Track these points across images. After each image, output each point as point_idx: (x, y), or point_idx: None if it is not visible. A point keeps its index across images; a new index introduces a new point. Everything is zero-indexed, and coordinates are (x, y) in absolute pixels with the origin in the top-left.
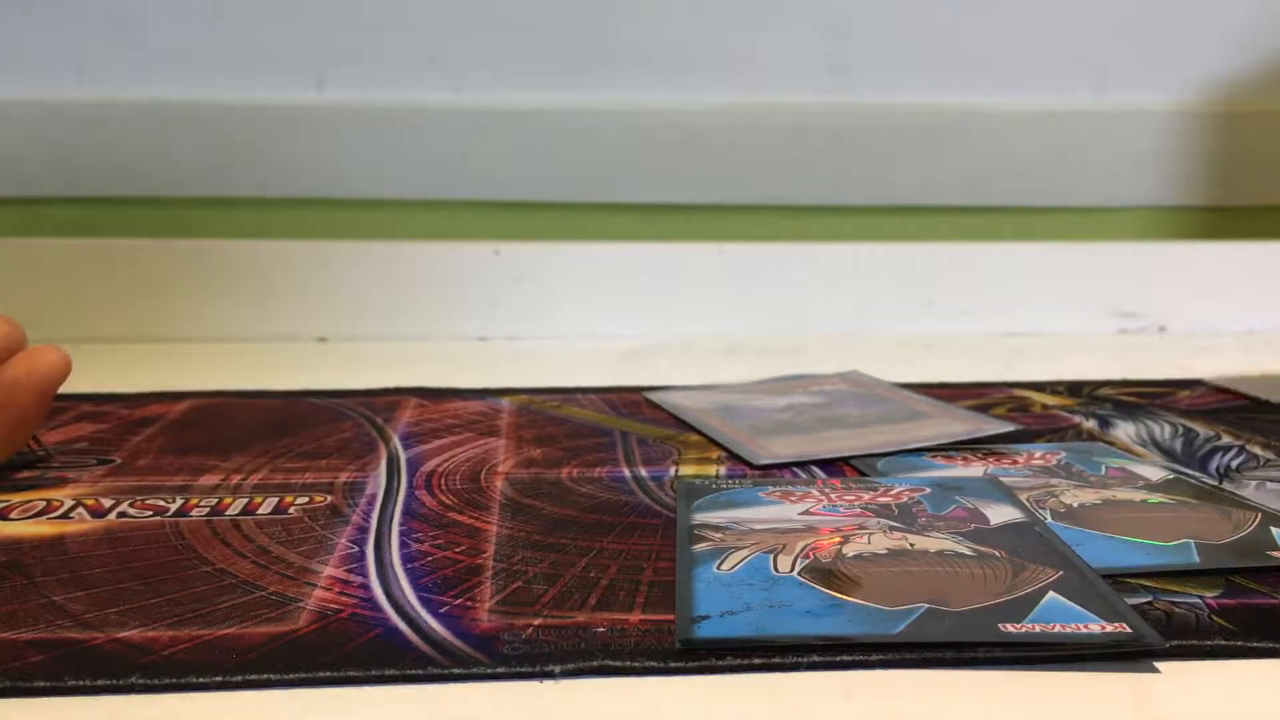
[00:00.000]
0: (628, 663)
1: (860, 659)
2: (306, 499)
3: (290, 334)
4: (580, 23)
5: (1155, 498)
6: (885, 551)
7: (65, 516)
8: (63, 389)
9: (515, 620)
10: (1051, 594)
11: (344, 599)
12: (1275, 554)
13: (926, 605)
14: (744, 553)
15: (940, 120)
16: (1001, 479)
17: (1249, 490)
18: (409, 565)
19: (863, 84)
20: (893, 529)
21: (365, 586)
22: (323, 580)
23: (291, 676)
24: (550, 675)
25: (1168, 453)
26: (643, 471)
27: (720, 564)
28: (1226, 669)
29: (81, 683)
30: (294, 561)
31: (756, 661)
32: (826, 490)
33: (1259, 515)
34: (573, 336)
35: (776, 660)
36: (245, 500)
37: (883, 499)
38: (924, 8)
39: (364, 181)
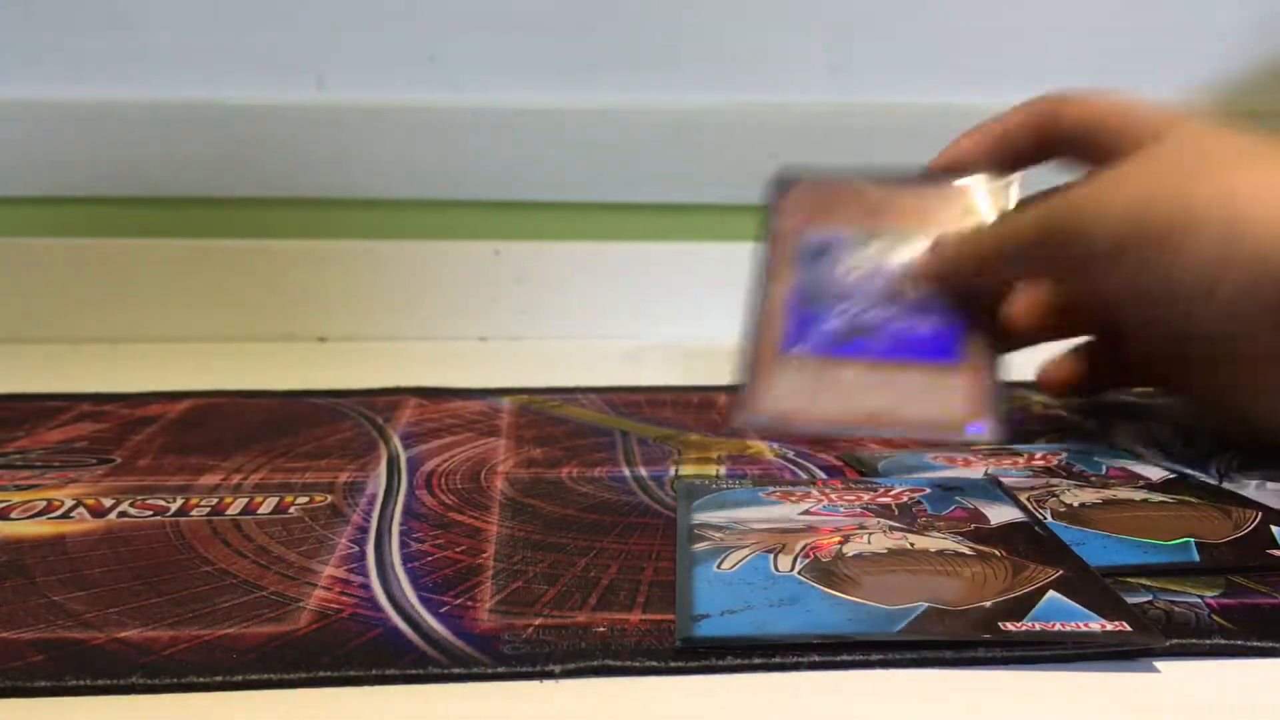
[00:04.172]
0: (628, 662)
1: (860, 658)
2: (307, 499)
3: (290, 334)
4: (580, 23)
5: (1156, 497)
6: (885, 551)
7: (65, 516)
8: (63, 389)
9: (515, 620)
10: (1051, 593)
11: (344, 599)
12: (1276, 553)
13: (926, 604)
14: (744, 552)
15: (940, 120)
16: (1002, 479)
17: (1249, 490)
18: (409, 565)
19: (863, 84)
20: (893, 529)
21: (365, 586)
22: (323, 580)
23: (292, 676)
24: (550, 675)
25: (1168, 452)
26: (643, 471)
27: (720, 563)
28: (1226, 668)
29: (82, 682)
30: (294, 561)
31: (756, 661)
32: (826, 490)
33: (1259, 514)
34: (573, 336)
35: (776, 660)
36: (246, 500)
37: (883, 499)
38: (924, 8)
39: (364, 181)
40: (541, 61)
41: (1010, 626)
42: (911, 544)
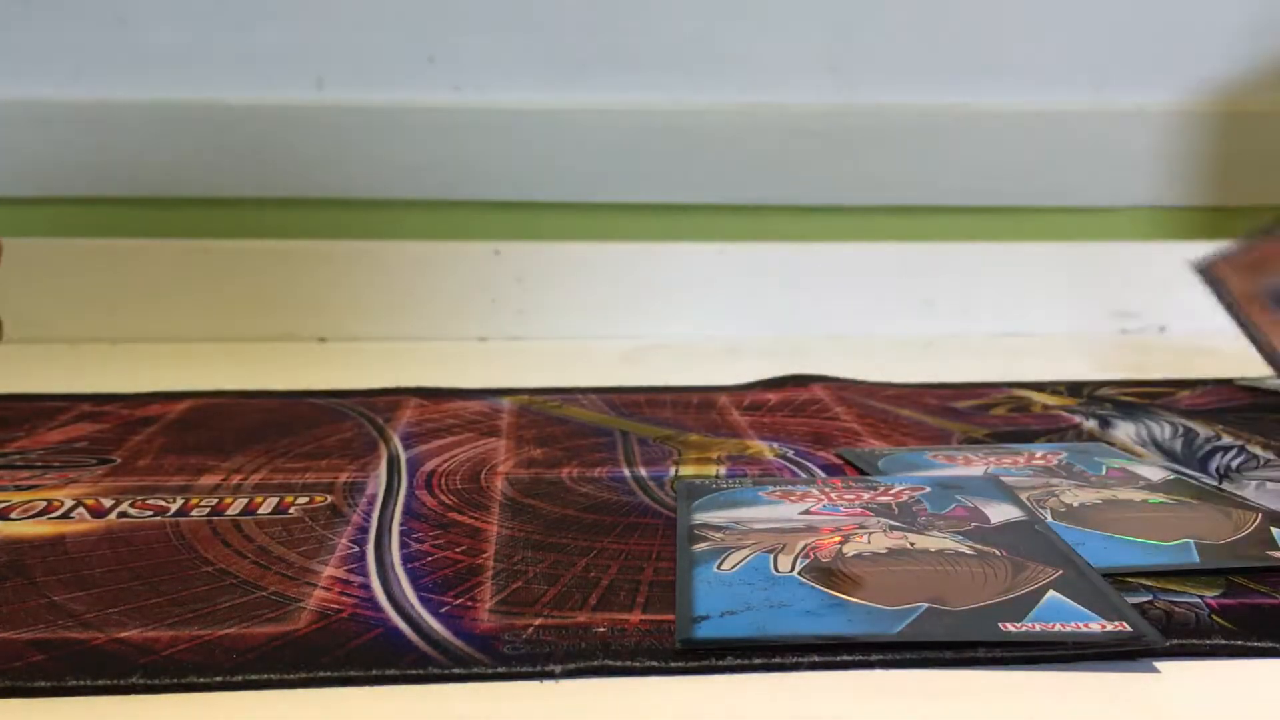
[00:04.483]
0: (628, 663)
1: (860, 659)
2: (307, 499)
3: (290, 334)
4: (580, 23)
5: (1155, 498)
6: (885, 551)
7: (66, 516)
8: (63, 389)
9: (515, 620)
10: (1052, 593)
11: (344, 599)
12: (1275, 554)
13: (926, 604)
14: (744, 552)
15: (940, 120)
16: (1002, 478)
17: (1249, 490)
18: (409, 565)
19: (863, 84)
20: (893, 528)
21: (365, 586)
22: (323, 580)
23: (292, 676)
24: (550, 675)
25: (1168, 453)
26: (643, 471)
27: (720, 564)
28: (1226, 668)
29: (82, 682)
30: (294, 561)
31: (756, 661)
32: (826, 489)
33: (1259, 515)
34: (573, 336)
35: (776, 660)
36: (246, 500)
37: (883, 498)
38: (924, 8)
39: (364, 181)
40: (541, 61)
41: (1010, 627)
42: (911, 543)
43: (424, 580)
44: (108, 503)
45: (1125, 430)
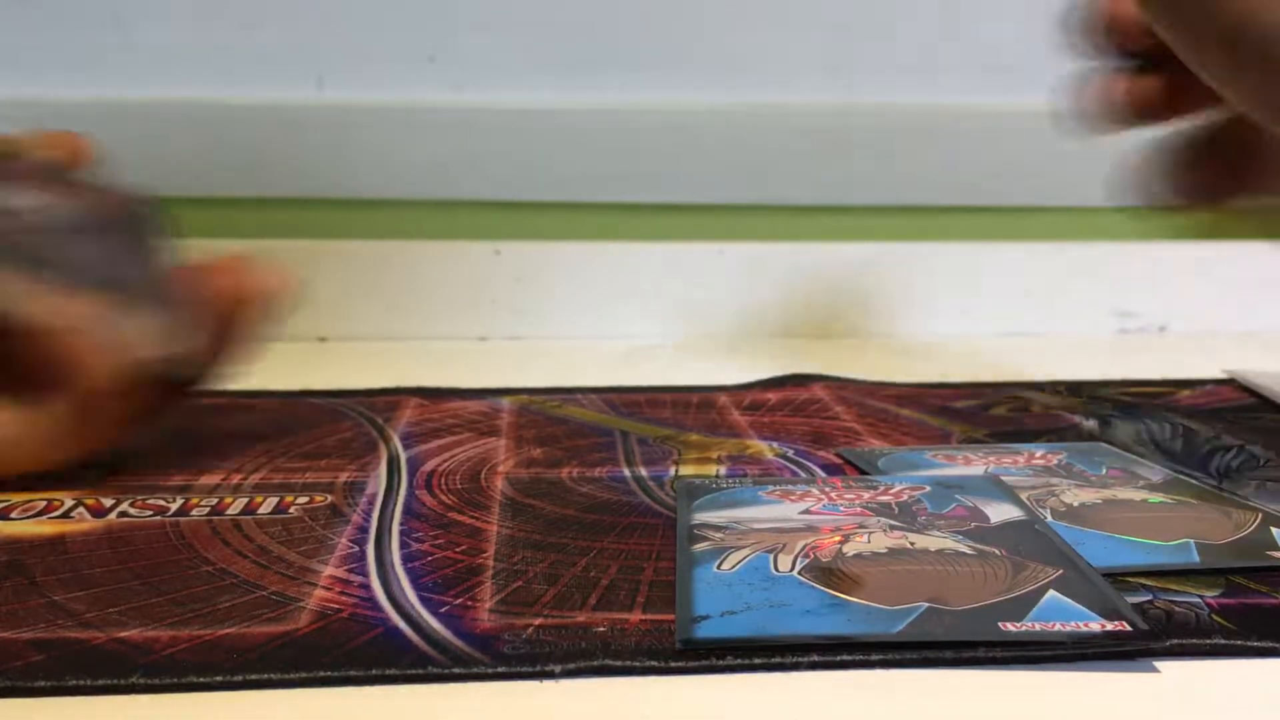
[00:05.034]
0: (628, 662)
1: (860, 658)
2: (307, 499)
3: (290, 334)
4: (580, 23)
5: (1156, 497)
6: (885, 550)
7: (66, 516)
8: None
9: (515, 620)
10: (1051, 592)
11: (344, 599)
12: (1275, 554)
13: (926, 604)
14: (744, 552)
15: (940, 120)
16: (1002, 478)
17: (1249, 490)
18: (409, 565)
19: (863, 84)
20: (893, 528)
21: (366, 586)
22: (323, 580)
23: (292, 676)
24: (550, 675)
25: (1168, 453)
26: (643, 471)
27: (720, 563)
28: (1226, 668)
29: (82, 682)
30: (294, 561)
31: (756, 661)
32: (826, 489)
33: (1259, 515)
34: (573, 336)
35: (776, 660)
36: (246, 500)
37: (883, 498)
38: (924, 8)
39: (364, 181)
40: (541, 61)
41: (1010, 626)
42: (912, 543)
43: (424, 580)
44: (108, 502)
45: (1125, 430)
